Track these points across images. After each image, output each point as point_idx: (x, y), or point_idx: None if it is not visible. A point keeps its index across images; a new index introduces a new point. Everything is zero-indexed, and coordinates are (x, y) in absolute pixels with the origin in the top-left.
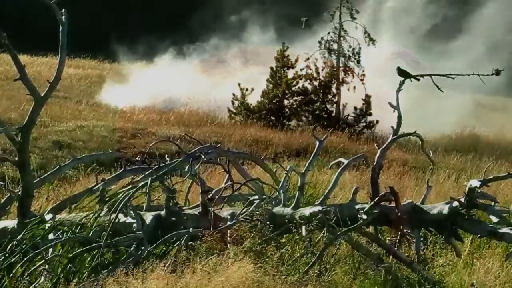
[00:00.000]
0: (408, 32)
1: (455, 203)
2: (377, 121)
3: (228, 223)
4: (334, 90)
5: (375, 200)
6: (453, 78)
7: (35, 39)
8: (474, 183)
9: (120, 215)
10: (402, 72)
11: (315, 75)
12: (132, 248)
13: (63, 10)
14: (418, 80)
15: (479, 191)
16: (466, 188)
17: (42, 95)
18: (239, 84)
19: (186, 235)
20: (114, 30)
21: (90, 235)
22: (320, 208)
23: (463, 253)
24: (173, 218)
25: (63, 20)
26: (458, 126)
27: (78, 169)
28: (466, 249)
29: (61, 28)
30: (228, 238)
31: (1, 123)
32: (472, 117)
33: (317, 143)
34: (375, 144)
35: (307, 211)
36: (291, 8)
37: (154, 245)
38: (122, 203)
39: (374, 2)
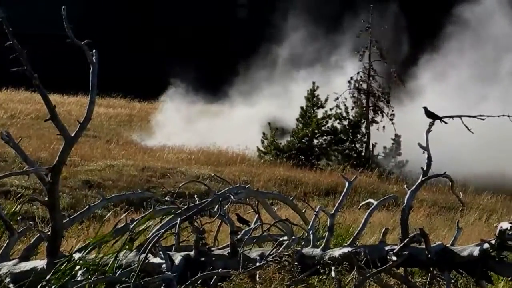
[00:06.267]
0: None
1: (486, 245)
2: (407, 161)
3: (257, 264)
4: (363, 129)
5: (405, 241)
6: (483, 119)
7: (65, 78)
8: (505, 225)
9: (149, 255)
10: (429, 113)
11: (344, 114)
12: None
13: (94, 51)
14: (446, 123)
15: (510, 233)
16: (497, 230)
17: (72, 135)
18: (269, 124)
19: (215, 276)
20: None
21: (119, 275)
22: (349, 249)
23: None
24: (202, 259)
25: (94, 60)
26: (488, 165)
27: (108, 208)
28: None
29: (91, 68)
30: (258, 279)
31: (31, 162)
32: (503, 156)
33: (347, 183)
34: (405, 185)
35: (336, 252)
36: None
37: (183, 286)
38: (151, 243)
39: None
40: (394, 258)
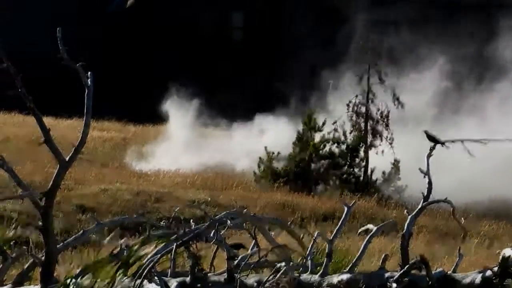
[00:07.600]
0: None
1: (488, 272)
2: (406, 186)
3: None
4: (362, 154)
5: (405, 268)
6: (485, 144)
7: (60, 101)
8: (508, 252)
9: (145, 281)
10: (430, 137)
11: (342, 138)
12: None
13: (89, 73)
14: (448, 147)
15: None
16: (500, 257)
17: (67, 159)
18: (265, 148)
19: None
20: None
21: None
22: (348, 275)
23: None
24: (198, 285)
25: (89, 83)
26: (490, 191)
27: (102, 233)
28: None
29: (86, 91)
30: None
31: (25, 187)
32: (506, 181)
33: (345, 209)
34: (405, 211)
35: (335, 279)
36: None
37: None
38: (146, 269)
39: None
40: (394, 285)
